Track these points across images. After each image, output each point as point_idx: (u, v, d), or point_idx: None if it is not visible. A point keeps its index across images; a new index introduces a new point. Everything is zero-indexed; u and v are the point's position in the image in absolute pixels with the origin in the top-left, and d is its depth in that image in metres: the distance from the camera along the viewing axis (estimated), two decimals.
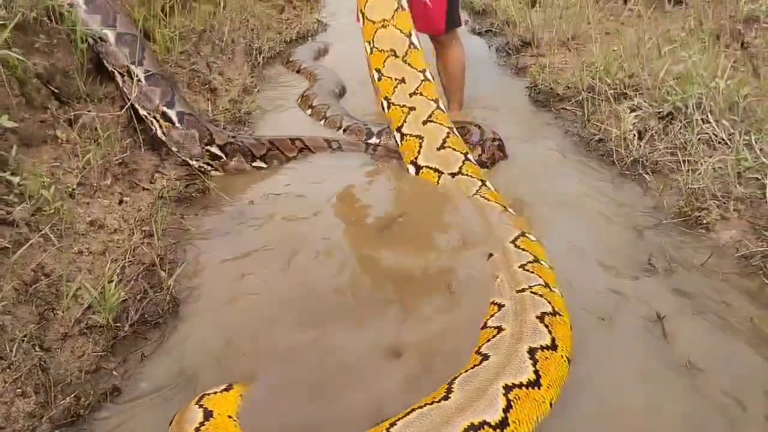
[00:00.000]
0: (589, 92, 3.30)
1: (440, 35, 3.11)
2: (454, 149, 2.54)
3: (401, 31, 2.69)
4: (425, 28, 3.03)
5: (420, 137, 2.58)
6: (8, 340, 1.58)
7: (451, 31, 3.10)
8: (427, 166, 2.54)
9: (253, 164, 2.74)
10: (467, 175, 2.47)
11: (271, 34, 4.45)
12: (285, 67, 4.10)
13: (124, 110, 2.51)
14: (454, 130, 2.65)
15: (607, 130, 3.01)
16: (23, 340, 1.60)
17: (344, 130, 3.20)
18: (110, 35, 2.52)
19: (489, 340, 1.58)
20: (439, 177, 2.51)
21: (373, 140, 3.05)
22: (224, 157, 2.68)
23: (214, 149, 2.66)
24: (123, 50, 2.54)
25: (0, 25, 2.00)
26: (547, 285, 1.79)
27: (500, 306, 1.73)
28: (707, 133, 2.67)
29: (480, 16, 5.09)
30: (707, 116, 2.73)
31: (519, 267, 1.89)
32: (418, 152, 2.57)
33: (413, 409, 1.32)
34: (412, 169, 2.61)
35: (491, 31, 4.75)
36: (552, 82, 3.63)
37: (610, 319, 1.82)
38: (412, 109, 2.62)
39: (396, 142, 2.71)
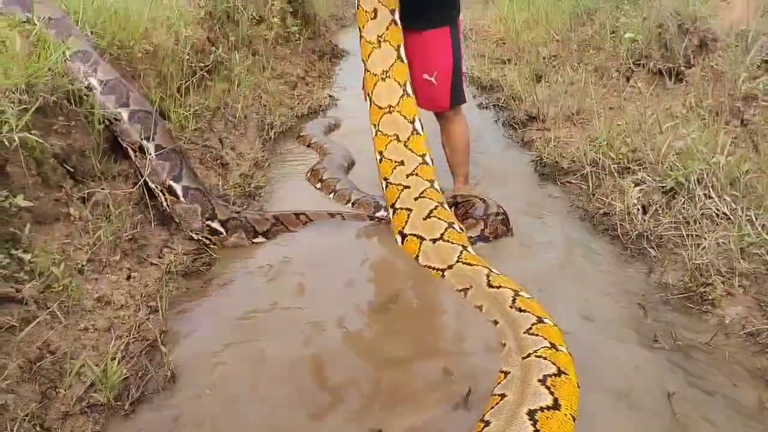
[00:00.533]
0: (593, 166, 3.35)
1: (445, 111, 3.19)
2: (439, 218, 2.60)
3: (405, 117, 2.83)
4: (430, 106, 3.14)
5: (409, 209, 2.66)
6: (9, 419, 1.59)
7: (455, 107, 3.18)
8: (412, 234, 2.60)
9: (254, 240, 2.78)
10: (449, 241, 2.51)
11: (284, 110, 4.61)
12: (296, 142, 4.23)
13: (136, 187, 2.60)
14: (445, 204, 2.71)
15: (611, 204, 3.04)
16: (24, 419, 1.61)
17: (353, 204, 3.26)
18: (124, 114, 2.63)
19: (492, 408, 1.60)
20: (421, 243, 2.55)
21: (381, 213, 3.10)
22: (224, 232, 2.73)
23: (215, 224, 2.72)
24: (135, 127, 2.65)
25: (22, 109, 2.11)
26: (552, 345, 1.80)
27: (506, 374, 1.75)
28: (710, 209, 2.69)
29: (487, 91, 5.24)
30: (709, 192, 2.76)
31: (525, 332, 1.90)
32: (406, 222, 2.64)
33: None
34: (398, 239, 2.67)
35: (498, 105, 4.88)
36: (557, 155, 3.70)
37: (617, 396, 1.79)
38: (407, 187, 2.71)
39: (389, 217, 2.78)
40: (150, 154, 2.65)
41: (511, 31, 6.46)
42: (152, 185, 2.68)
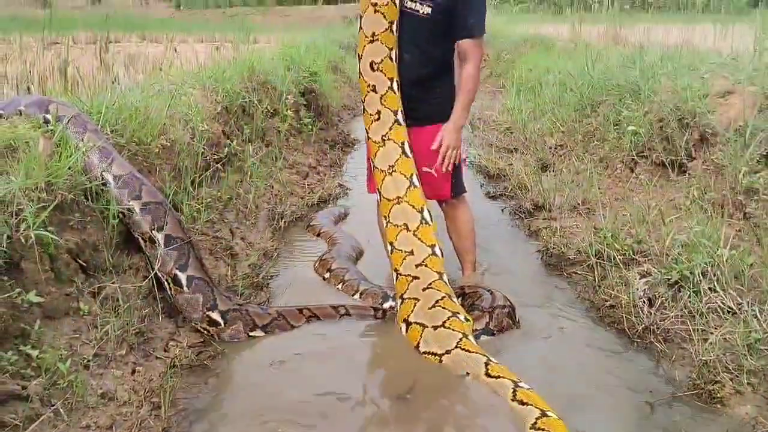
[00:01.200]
0: (599, 257, 3.37)
1: (448, 200, 3.29)
2: (443, 308, 2.63)
3: (414, 206, 2.93)
4: (432, 195, 3.22)
5: (416, 299, 2.69)
6: None
7: (457, 197, 3.27)
8: (416, 322, 2.63)
9: (251, 333, 2.78)
10: (450, 328, 2.54)
11: (294, 199, 4.73)
12: (306, 231, 4.31)
13: (146, 281, 2.65)
14: (452, 296, 2.73)
15: (617, 296, 3.04)
16: None
17: (361, 294, 3.29)
18: (136, 206, 2.71)
19: None
20: (423, 330, 2.58)
21: (389, 304, 3.12)
22: (222, 324, 2.74)
23: (215, 315, 2.73)
24: (146, 218, 2.73)
25: (40, 207, 2.22)
26: None
27: None
28: (716, 303, 2.68)
29: (494, 180, 5.35)
30: (714, 285, 2.75)
31: (531, 428, 1.93)
32: (411, 311, 2.68)
33: None
34: (403, 327, 2.70)
35: (504, 195, 4.98)
36: (563, 246, 3.73)
37: None
38: (416, 278, 2.76)
39: (396, 307, 2.81)
40: (159, 245, 2.71)
41: (517, 121, 6.68)
42: (159, 274, 2.73)
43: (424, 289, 2.74)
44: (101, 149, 2.73)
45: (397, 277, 2.85)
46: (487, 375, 2.26)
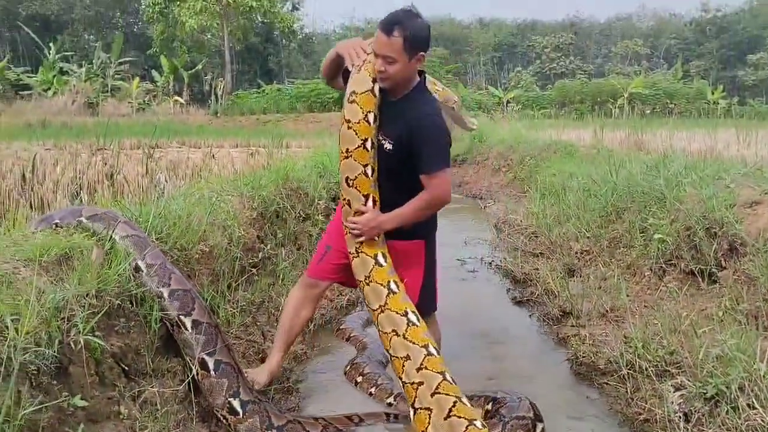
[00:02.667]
0: (630, 368, 3.33)
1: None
2: (459, 416, 2.57)
3: (397, 312, 2.88)
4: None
5: (429, 409, 2.64)
6: None
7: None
8: None
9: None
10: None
11: (324, 302, 4.81)
12: (335, 336, 4.35)
13: (183, 385, 2.71)
14: (462, 397, 2.69)
15: (651, 410, 2.97)
16: None
17: (395, 398, 3.29)
18: (165, 292, 2.80)
19: None
20: None
21: None
22: (241, 414, 2.73)
23: (236, 403, 2.73)
24: (174, 304, 2.80)
25: (90, 313, 2.34)
26: None
27: None
28: (755, 420, 2.61)
29: (520, 285, 5.38)
30: (753, 401, 2.69)
31: None
32: (428, 424, 2.61)
33: None
34: None
35: (531, 300, 4.98)
36: (593, 354, 3.69)
37: None
38: (420, 383, 2.71)
39: (410, 418, 2.75)
40: (187, 329, 2.77)
41: (542, 226, 6.79)
42: (187, 359, 2.77)
43: (432, 395, 2.68)
44: (137, 238, 2.88)
45: (403, 385, 2.81)
46: None
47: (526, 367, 3.78)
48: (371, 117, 2.92)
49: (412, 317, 2.89)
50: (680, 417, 2.84)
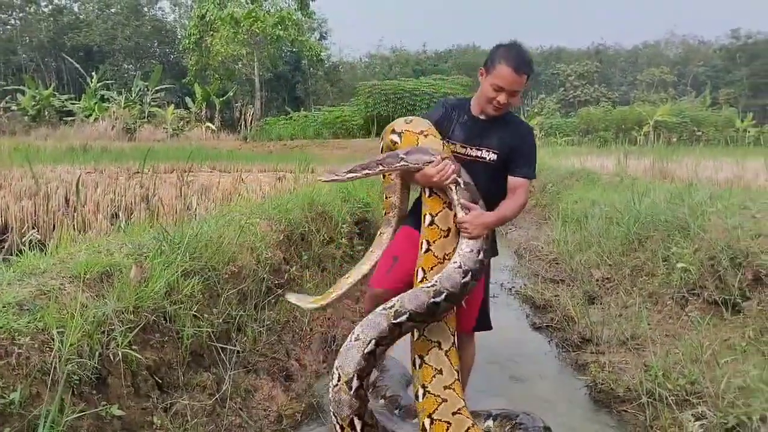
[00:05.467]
0: (650, 396, 3.34)
1: (466, 334, 3.32)
2: None
3: (449, 329, 2.93)
4: (457, 326, 3.17)
5: (448, 423, 2.69)
6: None
7: (476, 331, 3.32)
8: None
9: None
10: None
11: (346, 323, 4.91)
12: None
13: (213, 400, 2.83)
14: (476, 426, 2.73)
15: None
16: None
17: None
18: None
19: None
20: None
21: None
22: None
23: None
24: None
25: (128, 327, 2.49)
26: None
27: None
28: None
29: (540, 311, 5.41)
30: None
31: None
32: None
33: None
34: None
35: (551, 326, 5.01)
36: (612, 382, 3.71)
37: None
38: (444, 400, 2.74)
39: (425, 427, 2.76)
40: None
41: (563, 253, 6.82)
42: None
43: (453, 414, 2.72)
44: None
45: (424, 395, 2.78)
46: None
47: (545, 392, 3.81)
48: None
49: (456, 340, 2.96)
50: None
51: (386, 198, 3.45)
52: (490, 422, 3.05)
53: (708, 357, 3.49)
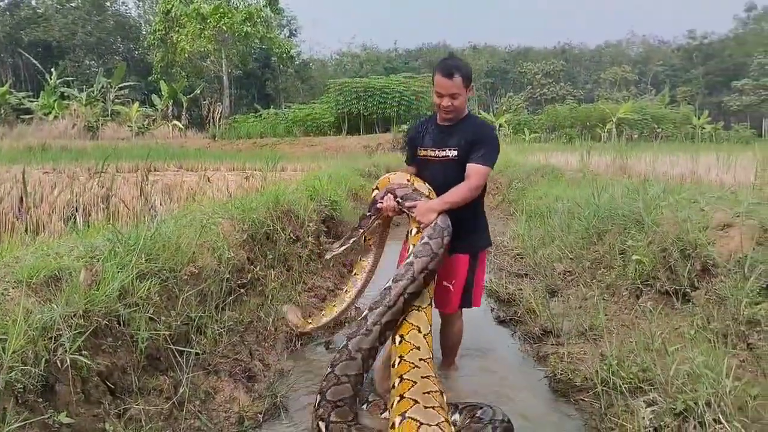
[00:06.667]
0: (605, 385, 3.42)
1: (452, 313, 3.90)
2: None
3: (427, 317, 3.34)
4: (442, 304, 3.83)
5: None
6: None
7: (461, 309, 3.91)
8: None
9: None
10: None
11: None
12: (327, 351, 4.45)
13: (170, 404, 2.80)
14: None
15: (623, 425, 3.07)
16: None
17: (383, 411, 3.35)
18: None
19: None
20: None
21: None
22: None
23: None
24: None
25: (77, 332, 2.44)
26: None
27: None
28: None
29: (505, 305, 5.48)
30: (719, 417, 2.79)
31: None
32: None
33: None
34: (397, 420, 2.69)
35: (514, 319, 5.08)
36: (570, 372, 3.79)
37: None
38: (417, 367, 2.94)
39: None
40: None
41: (527, 247, 6.92)
42: None
43: (422, 377, 2.85)
44: None
45: (400, 361, 2.99)
46: None
47: (508, 384, 3.88)
48: None
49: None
50: None
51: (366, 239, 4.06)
52: (456, 416, 3.08)
53: (659, 345, 3.59)
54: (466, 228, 3.73)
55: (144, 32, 41.85)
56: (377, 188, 3.90)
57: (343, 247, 3.96)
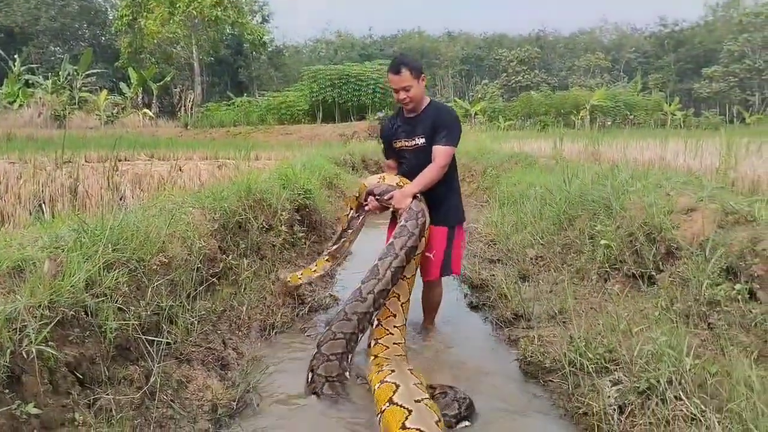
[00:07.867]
0: (573, 366, 3.51)
1: (432, 280, 4.38)
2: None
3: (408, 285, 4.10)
4: (424, 274, 4.34)
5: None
6: None
7: (441, 277, 4.38)
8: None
9: None
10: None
11: (286, 310, 4.92)
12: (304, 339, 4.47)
13: (141, 392, 2.79)
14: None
15: (589, 404, 3.15)
16: None
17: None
18: None
19: None
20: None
21: None
22: None
23: None
24: None
25: (43, 323, 2.41)
26: None
27: None
28: (681, 410, 2.80)
29: (477, 290, 5.54)
30: (679, 393, 2.88)
31: None
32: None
33: None
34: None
35: (487, 305, 5.15)
36: (540, 354, 3.87)
37: None
38: (391, 334, 3.76)
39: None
40: None
41: (500, 234, 7.00)
42: None
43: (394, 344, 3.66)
44: None
45: (374, 358, 3.48)
46: None
47: (481, 367, 3.95)
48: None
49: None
50: (615, 409, 3.02)
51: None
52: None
53: (624, 327, 3.68)
54: (442, 203, 4.22)
55: (111, 17, 40.82)
56: (358, 194, 4.47)
57: (336, 246, 4.68)
